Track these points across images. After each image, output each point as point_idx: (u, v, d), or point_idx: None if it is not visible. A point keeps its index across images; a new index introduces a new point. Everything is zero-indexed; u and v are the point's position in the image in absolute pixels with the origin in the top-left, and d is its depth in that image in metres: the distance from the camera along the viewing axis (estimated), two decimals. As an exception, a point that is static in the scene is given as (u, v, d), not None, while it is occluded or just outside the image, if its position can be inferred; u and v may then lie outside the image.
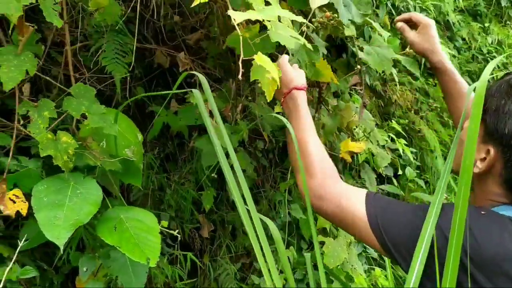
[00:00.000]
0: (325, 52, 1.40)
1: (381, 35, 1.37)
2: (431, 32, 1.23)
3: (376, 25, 1.36)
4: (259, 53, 0.83)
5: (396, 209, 0.92)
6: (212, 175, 1.66)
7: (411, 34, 1.26)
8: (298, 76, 1.16)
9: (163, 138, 2.02)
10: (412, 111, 2.78)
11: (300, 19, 0.90)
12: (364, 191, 0.99)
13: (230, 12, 0.78)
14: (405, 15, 1.29)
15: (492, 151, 0.88)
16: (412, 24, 1.28)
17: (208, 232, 1.96)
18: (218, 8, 1.87)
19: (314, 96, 1.70)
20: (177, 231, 1.37)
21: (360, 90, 1.51)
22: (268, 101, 0.86)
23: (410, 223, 0.87)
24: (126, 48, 1.60)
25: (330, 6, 1.41)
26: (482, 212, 0.88)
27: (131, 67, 1.53)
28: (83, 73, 1.52)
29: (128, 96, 1.91)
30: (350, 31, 1.49)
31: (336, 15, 1.40)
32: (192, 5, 0.80)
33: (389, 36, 1.35)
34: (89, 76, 1.52)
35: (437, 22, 3.15)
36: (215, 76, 1.94)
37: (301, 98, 1.12)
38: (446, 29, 3.14)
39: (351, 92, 1.97)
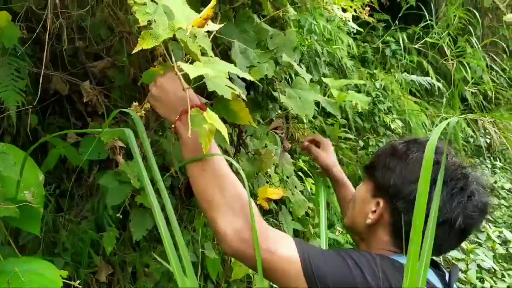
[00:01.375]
0: (245, 93, 1.39)
1: (301, 76, 1.38)
2: (331, 149, 1.46)
3: (297, 67, 1.36)
4: (209, 111, 0.79)
5: (326, 257, 0.93)
6: (117, 215, 1.53)
7: (317, 150, 1.45)
8: (194, 93, 0.96)
9: (57, 172, 1.83)
10: (312, 149, 2.90)
11: (246, 75, 0.88)
12: (290, 236, 0.97)
13: (183, 65, 0.73)
14: (310, 136, 1.50)
15: (381, 203, 1.02)
16: (316, 143, 1.48)
17: (106, 276, 1.79)
18: (127, 36, 1.78)
19: (233, 138, 1.66)
20: (78, 282, 1.23)
21: (281, 134, 1.51)
22: (205, 152, 0.81)
23: (342, 271, 0.90)
24: (23, 73, 1.43)
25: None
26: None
27: (30, 93, 1.37)
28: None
29: (19, 124, 1.71)
30: (259, 74, 1.46)
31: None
32: (135, 51, 0.72)
33: (311, 78, 1.37)
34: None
35: (332, 66, 3.38)
36: (121, 107, 1.82)
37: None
38: (340, 72, 3.39)
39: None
